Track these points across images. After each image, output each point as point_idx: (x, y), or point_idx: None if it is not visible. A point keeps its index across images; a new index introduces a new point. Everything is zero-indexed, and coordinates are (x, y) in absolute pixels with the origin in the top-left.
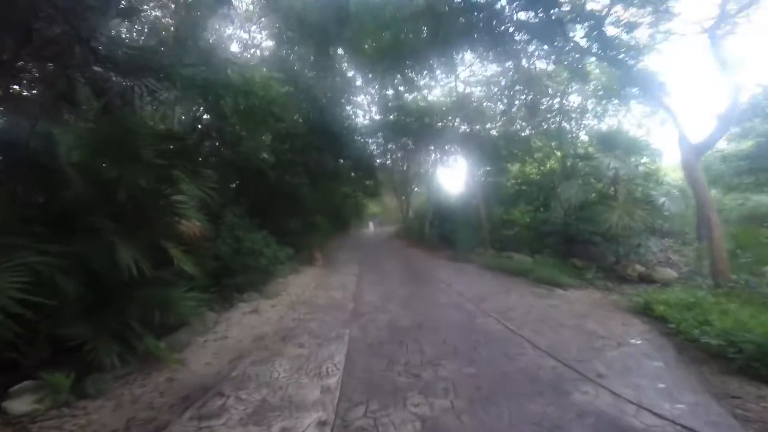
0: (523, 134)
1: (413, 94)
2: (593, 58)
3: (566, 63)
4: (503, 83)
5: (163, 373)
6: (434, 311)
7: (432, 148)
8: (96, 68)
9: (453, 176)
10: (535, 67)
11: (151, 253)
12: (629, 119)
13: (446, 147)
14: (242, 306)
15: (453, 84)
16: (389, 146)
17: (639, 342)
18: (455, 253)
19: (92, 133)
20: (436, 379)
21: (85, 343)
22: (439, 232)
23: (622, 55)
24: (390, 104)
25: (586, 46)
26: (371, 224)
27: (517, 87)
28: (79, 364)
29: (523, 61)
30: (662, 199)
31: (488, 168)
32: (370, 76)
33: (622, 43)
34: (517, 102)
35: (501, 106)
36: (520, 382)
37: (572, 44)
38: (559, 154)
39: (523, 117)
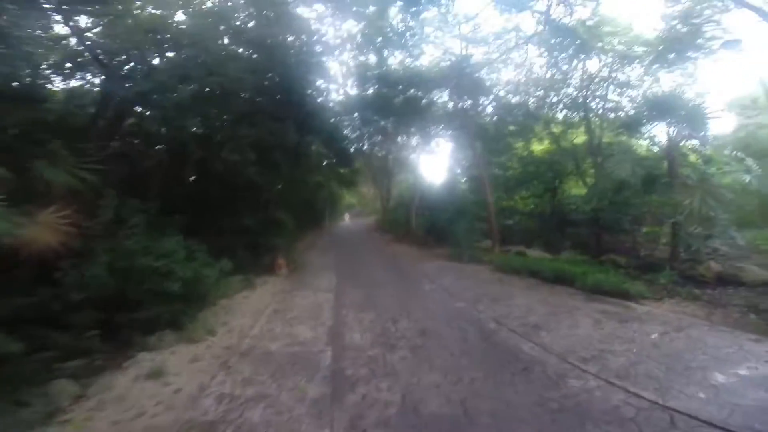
0: (532, 106)
1: (400, 58)
2: None
3: None
4: (514, 42)
5: None
6: (478, 367)
7: (417, 128)
8: None
9: (441, 160)
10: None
11: None
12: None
13: (434, 126)
14: (143, 359)
15: (450, 42)
16: (366, 129)
17: None
18: (455, 250)
19: None
20: None
21: None
22: (427, 224)
23: None
24: (369, 73)
25: None
26: (347, 216)
27: (536, 44)
28: None
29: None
30: (747, 177)
31: (486, 148)
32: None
33: None
34: (529, 64)
35: (509, 71)
36: None
37: None
38: (583, 127)
39: (535, 84)
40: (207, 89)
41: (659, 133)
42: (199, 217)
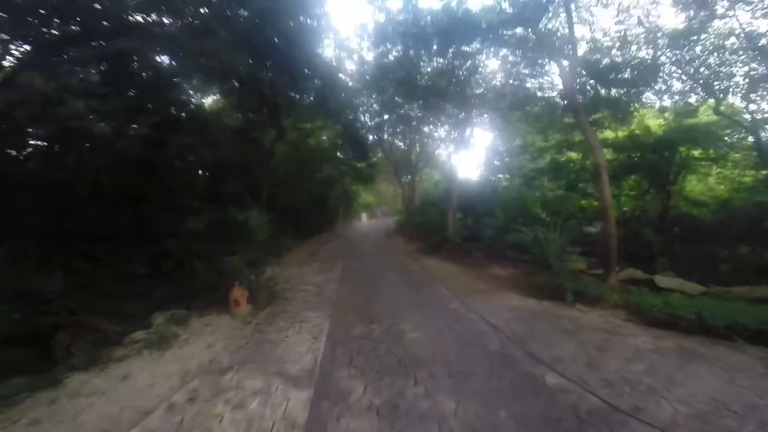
0: (643, 67)
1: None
2: None
3: None
4: None
5: None
6: None
7: (453, 109)
8: None
9: (479, 153)
10: None
11: None
12: None
13: (477, 107)
14: None
15: None
16: (387, 113)
17: None
18: (541, 279)
19: None
20: None
21: None
22: (470, 231)
23: None
24: (392, 26)
25: None
26: (364, 217)
27: None
28: None
29: None
30: None
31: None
32: None
33: None
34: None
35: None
36: None
37: None
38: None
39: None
40: None
41: None
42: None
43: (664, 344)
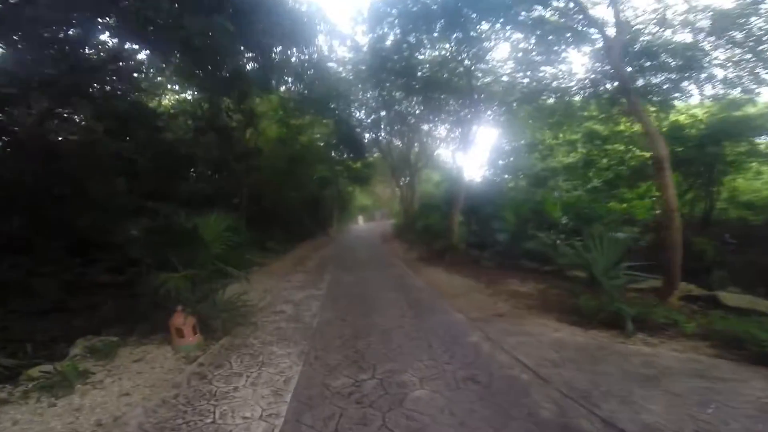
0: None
1: None
2: None
3: None
4: None
5: None
6: None
7: (458, 107)
8: None
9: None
10: None
11: None
12: None
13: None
14: None
15: None
16: (382, 113)
17: None
18: (591, 302)
19: None
20: None
21: None
22: (477, 237)
23: None
24: (393, 2)
25: None
26: (361, 219)
27: None
28: None
29: None
30: None
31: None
32: None
33: None
34: None
35: None
36: None
37: None
38: None
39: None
40: None
41: None
42: None
43: None
